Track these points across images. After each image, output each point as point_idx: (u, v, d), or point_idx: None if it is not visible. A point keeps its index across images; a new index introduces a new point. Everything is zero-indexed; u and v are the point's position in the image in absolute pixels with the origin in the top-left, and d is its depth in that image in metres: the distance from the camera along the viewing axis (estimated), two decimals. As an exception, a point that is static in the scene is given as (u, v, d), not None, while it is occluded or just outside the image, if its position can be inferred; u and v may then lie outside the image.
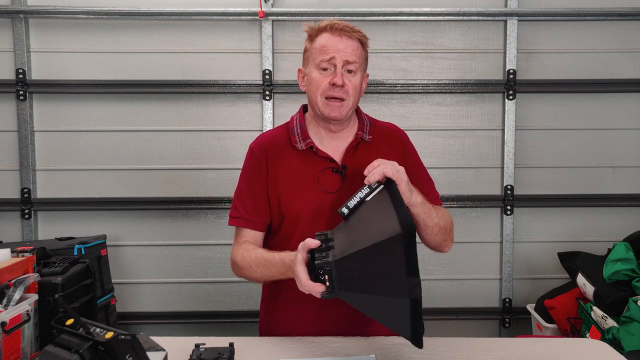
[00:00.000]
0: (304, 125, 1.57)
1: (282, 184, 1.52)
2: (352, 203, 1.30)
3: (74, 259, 2.23)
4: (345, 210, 1.30)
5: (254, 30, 2.94)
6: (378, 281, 1.16)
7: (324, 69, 1.47)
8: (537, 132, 3.03)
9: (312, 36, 1.52)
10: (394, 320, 1.20)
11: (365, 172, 1.35)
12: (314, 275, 1.22)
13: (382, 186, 1.31)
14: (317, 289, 1.21)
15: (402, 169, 1.35)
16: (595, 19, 2.97)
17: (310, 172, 1.52)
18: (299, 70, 1.58)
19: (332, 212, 1.45)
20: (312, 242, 1.26)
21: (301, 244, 1.27)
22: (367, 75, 1.58)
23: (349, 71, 1.47)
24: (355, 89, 1.48)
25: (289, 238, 1.50)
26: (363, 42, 1.51)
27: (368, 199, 1.30)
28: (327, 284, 1.20)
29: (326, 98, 1.47)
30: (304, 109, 1.64)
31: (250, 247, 1.51)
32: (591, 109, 3.03)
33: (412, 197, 1.36)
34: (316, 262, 1.21)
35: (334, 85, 1.45)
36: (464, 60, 2.99)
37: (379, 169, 1.32)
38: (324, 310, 1.49)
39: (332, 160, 1.53)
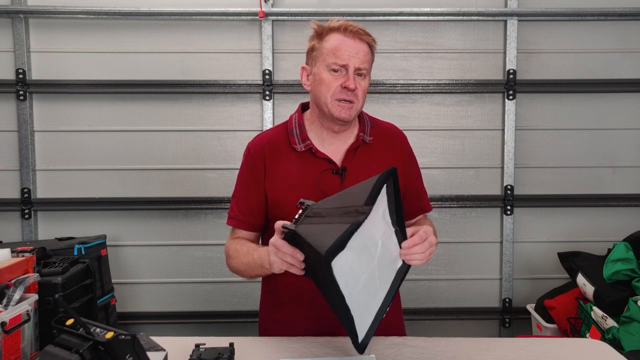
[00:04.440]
0: (303, 126, 1.56)
1: (280, 186, 1.51)
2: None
3: (74, 259, 2.24)
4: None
5: (254, 30, 2.94)
6: (335, 212, 1.16)
7: (335, 71, 1.46)
8: (537, 132, 3.03)
9: (321, 35, 1.49)
10: (321, 238, 1.14)
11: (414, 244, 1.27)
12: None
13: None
14: (280, 226, 1.23)
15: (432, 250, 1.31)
16: (595, 19, 2.97)
17: (310, 174, 1.51)
18: (303, 68, 1.55)
19: None
20: (282, 222, 1.26)
21: (276, 224, 1.27)
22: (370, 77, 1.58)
23: (359, 74, 1.47)
24: (364, 93, 1.49)
25: None
26: (372, 46, 1.51)
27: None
28: (296, 217, 1.21)
29: (336, 100, 1.46)
30: (303, 107, 1.62)
31: (243, 240, 1.54)
32: (591, 109, 3.03)
33: None
34: (302, 199, 1.24)
35: (345, 88, 1.45)
36: (464, 60, 2.99)
37: (423, 255, 1.28)
38: (321, 309, 1.48)
39: (331, 161, 1.52)
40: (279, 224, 1.25)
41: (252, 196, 1.54)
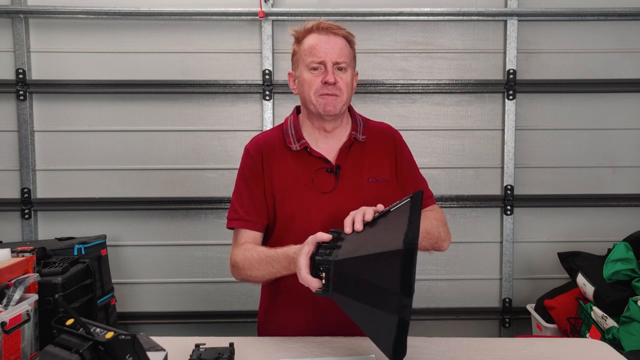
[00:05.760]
0: (297, 126, 1.58)
1: (277, 185, 1.53)
2: (376, 215, 1.28)
3: (74, 259, 2.24)
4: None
5: (254, 30, 2.94)
6: (372, 292, 1.15)
7: (314, 69, 1.50)
8: (537, 132, 3.03)
9: (299, 39, 1.55)
10: (379, 334, 1.19)
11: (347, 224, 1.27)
12: (314, 270, 1.22)
13: (408, 199, 1.28)
14: (314, 284, 1.21)
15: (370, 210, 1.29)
16: (595, 19, 2.97)
17: (305, 173, 1.53)
18: (289, 74, 1.61)
19: (327, 212, 1.45)
20: (324, 236, 1.25)
21: (312, 236, 1.25)
22: (357, 74, 1.60)
23: (339, 69, 1.50)
24: (347, 86, 1.51)
25: (282, 239, 1.49)
26: (349, 40, 1.53)
27: (393, 209, 1.28)
28: (324, 281, 1.20)
29: (320, 95, 1.49)
30: (297, 110, 1.65)
31: (250, 246, 1.50)
32: (591, 109, 3.03)
33: None
34: (317, 257, 1.21)
35: (326, 83, 1.48)
36: (464, 60, 2.99)
37: (357, 218, 1.27)
38: (322, 311, 1.49)
39: (326, 160, 1.54)
40: (303, 276, 1.23)
41: (256, 194, 1.55)
